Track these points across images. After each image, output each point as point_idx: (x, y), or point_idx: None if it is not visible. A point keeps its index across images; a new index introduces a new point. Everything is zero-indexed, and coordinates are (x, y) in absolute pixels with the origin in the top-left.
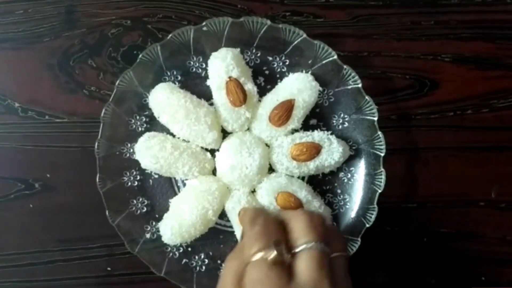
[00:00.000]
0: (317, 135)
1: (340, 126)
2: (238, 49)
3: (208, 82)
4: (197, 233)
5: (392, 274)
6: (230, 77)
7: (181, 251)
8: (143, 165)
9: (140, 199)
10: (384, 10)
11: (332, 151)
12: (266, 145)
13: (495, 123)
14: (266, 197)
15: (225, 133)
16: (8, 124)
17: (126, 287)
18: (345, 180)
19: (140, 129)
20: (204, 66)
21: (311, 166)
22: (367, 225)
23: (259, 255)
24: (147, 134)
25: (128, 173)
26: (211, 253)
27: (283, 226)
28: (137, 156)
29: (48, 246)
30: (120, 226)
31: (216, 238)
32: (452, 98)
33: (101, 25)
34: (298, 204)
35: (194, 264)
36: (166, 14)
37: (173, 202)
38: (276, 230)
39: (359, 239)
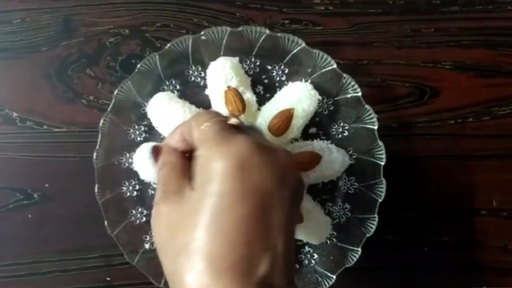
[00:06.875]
0: (316, 145)
1: (340, 135)
2: (237, 58)
3: (207, 92)
4: None
5: (393, 284)
6: (229, 87)
7: None
8: (141, 176)
9: (139, 209)
10: (384, 18)
11: (332, 161)
12: None
13: (497, 131)
14: None
15: None
16: (6, 134)
17: None
18: (345, 189)
19: (138, 139)
20: (203, 75)
21: (311, 176)
22: (368, 235)
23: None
24: (145, 145)
25: (127, 183)
26: None
27: None
28: (135, 167)
29: (47, 256)
30: (119, 237)
31: None
32: (453, 106)
33: (99, 34)
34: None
35: None
36: (164, 23)
37: None
38: None
39: (359, 248)
